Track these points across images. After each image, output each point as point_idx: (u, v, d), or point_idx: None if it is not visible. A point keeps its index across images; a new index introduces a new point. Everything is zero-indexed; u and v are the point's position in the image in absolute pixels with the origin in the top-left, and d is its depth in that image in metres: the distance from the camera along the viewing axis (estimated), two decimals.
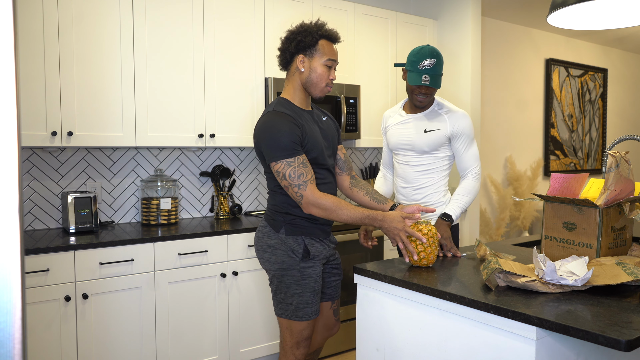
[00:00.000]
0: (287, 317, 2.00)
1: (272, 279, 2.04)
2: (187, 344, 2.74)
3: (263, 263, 2.07)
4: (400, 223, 1.86)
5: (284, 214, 2.00)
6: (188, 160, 3.33)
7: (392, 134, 2.42)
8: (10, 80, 0.69)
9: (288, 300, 1.99)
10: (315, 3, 3.44)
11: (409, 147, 2.36)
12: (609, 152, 1.71)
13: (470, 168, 2.32)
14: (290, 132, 1.87)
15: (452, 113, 2.31)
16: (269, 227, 2.03)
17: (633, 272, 1.51)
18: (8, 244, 0.70)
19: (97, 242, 2.47)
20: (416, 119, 2.35)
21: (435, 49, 2.23)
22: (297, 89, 2.02)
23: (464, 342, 1.52)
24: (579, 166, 5.91)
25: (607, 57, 6.27)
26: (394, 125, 2.43)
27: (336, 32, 2.04)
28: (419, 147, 2.32)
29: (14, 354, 0.69)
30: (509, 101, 5.15)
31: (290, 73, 2.02)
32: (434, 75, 2.20)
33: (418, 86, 2.23)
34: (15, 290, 0.70)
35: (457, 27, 4.03)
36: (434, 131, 2.29)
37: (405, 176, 2.39)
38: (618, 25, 2.11)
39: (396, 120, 2.42)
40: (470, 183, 2.30)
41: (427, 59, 2.18)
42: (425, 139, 2.30)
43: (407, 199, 2.41)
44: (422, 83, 2.19)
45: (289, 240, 1.98)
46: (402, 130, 2.38)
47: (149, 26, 2.83)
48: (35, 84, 2.54)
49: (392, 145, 2.43)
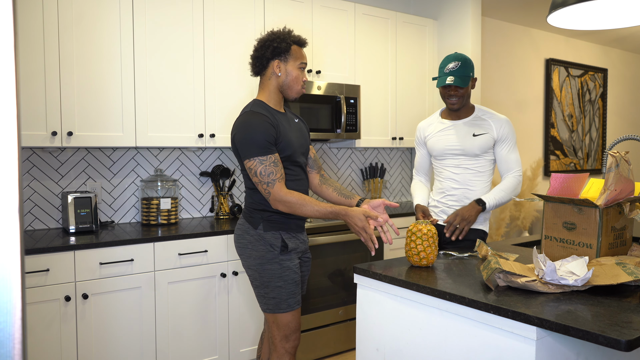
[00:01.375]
0: (271, 310, 2.07)
1: (254, 274, 2.10)
2: (187, 344, 2.74)
3: (244, 260, 2.13)
4: (361, 221, 1.92)
5: (261, 210, 2.08)
6: (188, 160, 3.33)
7: (437, 141, 2.48)
8: (10, 80, 0.69)
9: (271, 294, 2.06)
10: (315, 3, 3.44)
11: (459, 152, 2.42)
12: (609, 152, 1.71)
13: (513, 170, 2.43)
14: (265, 132, 1.97)
15: (496, 118, 2.43)
16: (247, 224, 2.11)
17: (633, 272, 1.51)
18: (8, 244, 0.69)
19: (97, 242, 2.47)
20: (460, 125, 2.43)
21: (461, 54, 2.37)
22: (273, 92, 2.12)
23: (464, 342, 1.52)
24: (579, 166, 5.91)
25: (607, 57, 6.27)
26: (436, 133, 2.49)
27: (304, 38, 2.17)
28: (470, 151, 2.40)
29: (14, 354, 0.69)
30: (509, 101, 5.15)
31: (266, 77, 2.12)
32: (459, 76, 2.31)
33: (446, 88, 2.35)
34: (15, 290, 0.70)
35: (457, 27, 4.03)
36: (483, 135, 2.39)
37: (457, 178, 2.45)
38: (618, 25, 2.11)
39: (438, 128, 2.49)
40: (512, 181, 2.41)
41: (452, 62, 2.34)
42: (476, 142, 2.39)
43: (459, 200, 2.45)
44: (446, 83, 2.31)
45: (267, 236, 2.07)
46: (447, 137, 2.45)
47: (149, 26, 2.83)
48: (35, 84, 2.54)
49: (438, 151, 2.48)
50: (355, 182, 4.11)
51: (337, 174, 4.01)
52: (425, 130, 2.56)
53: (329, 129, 3.43)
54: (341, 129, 3.47)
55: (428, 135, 2.54)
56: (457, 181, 2.46)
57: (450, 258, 2.04)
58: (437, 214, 2.52)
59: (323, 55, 3.49)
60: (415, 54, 4.02)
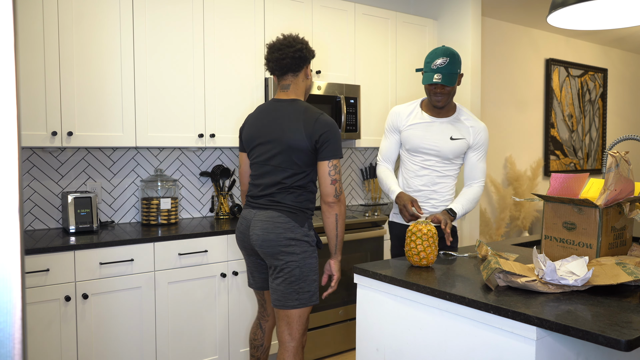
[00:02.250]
0: (303, 304, 2.14)
1: (293, 270, 2.11)
2: (187, 344, 2.74)
3: (286, 256, 2.11)
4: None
5: (307, 209, 2.20)
6: (188, 160, 3.33)
7: (414, 136, 2.36)
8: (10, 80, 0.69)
9: (307, 287, 2.15)
10: (315, 3, 3.44)
11: (434, 153, 2.35)
12: (608, 152, 1.71)
13: (479, 179, 2.41)
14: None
15: (475, 124, 2.39)
16: (293, 222, 2.13)
17: (633, 272, 1.51)
18: (8, 244, 0.70)
19: (97, 242, 2.47)
20: (441, 124, 2.35)
21: (449, 49, 2.27)
22: (301, 95, 2.24)
23: (464, 342, 1.52)
24: (579, 166, 5.91)
25: (607, 57, 6.27)
26: (414, 125, 2.37)
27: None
28: (444, 154, 2.34)
29: (14, 354, 0.69)
30: (509, 101, 5.15)
31: (300, 79, 2.21)
32: (447, 74, 2.22)
33: (433, 85, 2.26)
34: (15, 290, 0.70)
35: (457, 27, 4.03)
36: (460, 140, 2.34)
37: (424, 179, 2.39)
38: (618, 25, 2.11)
39: (416, 120, 2.37)
40: (478, 192, 2.39)
41: (440, 58, 2.23)
42: (451, 146, 2.33)
43: (421, 200, 2.41)
44: (433, 81, 2.21)
45: (310, 233, 2.19)
46: (425, 134, 2.34)
47: (149, 26, 2.83)
48: (35, 84, 2.54)
49: (413, 146, 2.36)
50: (355, 182, 4.11)
51: None
52: (404, 118, 2.40)
53: None
54: (341, 129, 3.47)
55: (406, 125, 2.39)
56: (424, 181, 2.39)
57: (450, 258, 2.04)
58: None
59: (323, 55, 3.49)
60: (415, 54, 4.02)
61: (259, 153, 2.19)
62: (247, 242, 2.23)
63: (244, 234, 2.22)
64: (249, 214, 2.21)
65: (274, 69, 2.19)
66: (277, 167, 2.14)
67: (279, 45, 2.17)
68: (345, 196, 4.01)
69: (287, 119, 2.13)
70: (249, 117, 2.31)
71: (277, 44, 2.18)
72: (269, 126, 2.17)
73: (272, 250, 2.11)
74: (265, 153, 2.17)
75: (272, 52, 2.17)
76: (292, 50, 2.14)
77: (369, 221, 3.37)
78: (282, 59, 2.14)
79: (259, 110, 2.27)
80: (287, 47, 2.15)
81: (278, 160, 2.14)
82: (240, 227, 2.24)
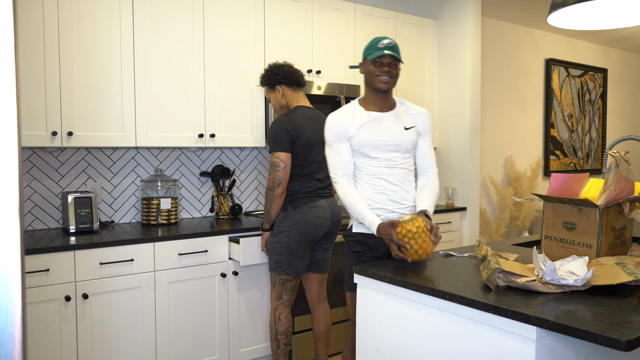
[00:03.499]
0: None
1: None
2: (187, 344, 2.74)
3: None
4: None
5: None
6: (188, 160, 3.33)
7: (370, 135, 2.13)
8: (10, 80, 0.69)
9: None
10: (315, 3, 3.44)
11: (394, 147, 2.15)
12: (608, 152, 1.71)
13: (432, 167, 2.27)
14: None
15: (420, 110, 2.26)
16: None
17: (633, 272, 1.51)
18: (8, 244, 0.70)
19: (97, 242, 2.47)
20: (390, 117, 2.18)
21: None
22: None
23: (464, 342, 1.52)
24: (579, 166, 5.91)
25: (607, 57, 6.27)
26: (365, 124, 2.14)
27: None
28: (404, 145, 2.17)
29: (14, 354, 0.69)
30: (509, 101, 5.15)
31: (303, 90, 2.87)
32: (396, 51, 2.14)
33: (381, 65, 2.13)
34: (15, 290, 0.70)
35: (457, 27, 4.03)
36: (412, 128, 2.20)
37: (392, 179, 2.16)
38: (618, 25, 2.11)
39: (364, 119, 2.15)
40: (436, 185, 2.24)
41: (385, 39, 2.14)
42: (408, 136, 2.18)
43: (399, 202, 2.17)
44: (385, 52, 2.09)
45: None
46: (379, 130, 2.14)
47: (149, 26, 2.83)
48: (36, 84, 2.54)
49: (371, 146, 2.14)
50: None
51: None
52: (351, 122, 2.15)
53: None
54: None
55: (356, 127, 2.14)
56: (393, 182, 2.16)
57: (450, 258, 2.04)
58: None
59: (323, 55, 3.49)
60: (415, 54, 4.02)
61: (317, 153, 2.65)
62: (324, 227, 2.63)
63: (324, 218, 2.62)
64: (325, 203, 2.66)
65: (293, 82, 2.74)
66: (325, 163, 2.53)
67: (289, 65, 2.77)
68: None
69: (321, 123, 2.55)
70: (298, 122, 2.63)
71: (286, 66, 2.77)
72: (316, 130, 2.63)
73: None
74: (321, 153, 2.59)
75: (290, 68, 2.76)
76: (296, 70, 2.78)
77: None
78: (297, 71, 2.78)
79: (307, 117, 2.68)
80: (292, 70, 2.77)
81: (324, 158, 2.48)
82: (320, 213, 2.61)
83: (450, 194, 4.05)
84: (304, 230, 2.59)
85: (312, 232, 2.61)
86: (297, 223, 2.58)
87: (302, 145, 2.62)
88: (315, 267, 2.77)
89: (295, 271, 2.63)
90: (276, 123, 2.63)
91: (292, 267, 2.62)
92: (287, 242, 2.59)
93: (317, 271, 2.78)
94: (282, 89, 2.73)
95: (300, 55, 3.39)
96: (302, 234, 2.59)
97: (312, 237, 2.62)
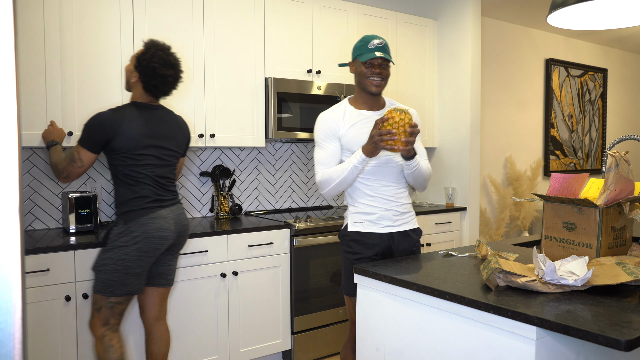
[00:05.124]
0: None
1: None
2: (187, 344, 2.74)
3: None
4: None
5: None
6: (188, 160, 3.33)
7: (360, 133, 2.13)
8: (10, 80, 0.69)
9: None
10: (315, 3, 3.44)
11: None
12: (608, 152, 1.71)
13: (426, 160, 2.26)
14: None
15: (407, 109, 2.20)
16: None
17: (633, 272, 1.51)
18: (8, 244, 0.70)
19: (97, 242, 2.47)
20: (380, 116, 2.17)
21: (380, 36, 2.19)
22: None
23: (464, 342, 1.52)
24: (578, 166, 5.91)
25: (607, 57, 6.27)
26: (355, 124, 2.15)
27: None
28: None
29: (14, 354, 0.69)
30: (509, 101, 5.15)
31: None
32: (387, 52, 2.14)
33: (372, 66, 2.13)
34: (15, 290, 0.70)
35: (457, 27, 4.03)
36: None
37: (385, 178, 2.17)
38: (618, 25, 2.11)
39: (354, 119, 2.16)
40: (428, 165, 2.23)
41: (376, 39, 2.14)
42: None
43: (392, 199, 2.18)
44: (376, 55, 2.09)
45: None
46: (368, 129, 2.13)
47: (149, 26, 2.83)
48: (36, 84, 2.54)
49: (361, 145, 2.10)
50: None
51: None
52: (341, 121, 2.16)
53: None
54: None
55: (346, 127, 2.15)
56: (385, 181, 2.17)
57: (450, 258, 2.04)
58: (374, 221, 2.16)
59: (323, 55, 3.49)
60: (415, 54, 4.02)
61: (156, 155, 2.39)
62: (168, 239, 2.33)
63: (167, 230, 2.31)
64: (167, 212, 2.35)
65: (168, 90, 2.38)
66: (170, 167, 2.48)
67: (174, 61, 2.35)
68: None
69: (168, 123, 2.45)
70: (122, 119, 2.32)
71: (172, 58, 2.35)
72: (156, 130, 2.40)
73: (187, 238, 2.52)
74: (161, 155, 2.40)
75: (167, 67, 2.32)
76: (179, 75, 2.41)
77: None
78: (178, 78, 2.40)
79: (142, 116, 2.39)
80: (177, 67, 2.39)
81: None
82: (164, 225, 2.29)
83: (450, 194, 4.05)
84: (144, 246, 2.22)
85: (154, 247, 2.26)
86: (137, 238, 2.21)
87: (128, 147, 2.25)
88: (158, 280, 2.42)
89: (127, 292, 2.25)
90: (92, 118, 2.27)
91: (123, 288, 2.22)
92: (123, 259, 2.19)
93: (159, 284, 2.42)
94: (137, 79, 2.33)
95: (300, 55, 3.39)
96: (142, 250, 2.22)
97: (153, 252, 2.27)
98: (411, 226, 2.24)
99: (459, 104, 4.03)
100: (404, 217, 2.22)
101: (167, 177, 2.38)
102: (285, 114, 3.25)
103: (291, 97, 3.27)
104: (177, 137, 2.45)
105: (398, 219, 2.19)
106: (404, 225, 2.21)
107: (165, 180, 2.37)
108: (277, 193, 3.71)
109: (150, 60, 2.26)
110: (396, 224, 2.19)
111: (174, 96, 2.93)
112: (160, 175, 2.34)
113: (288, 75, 3.33)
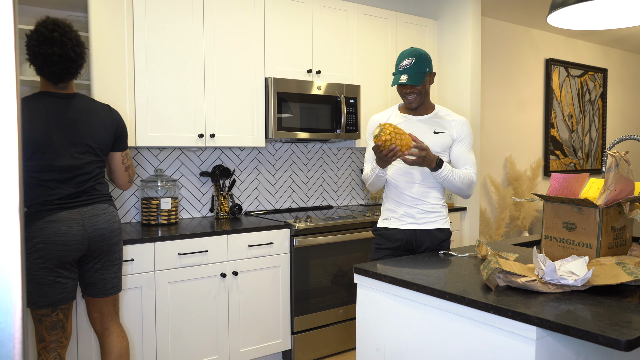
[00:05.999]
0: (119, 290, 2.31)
1: (120, 255, 2.29)
2: (187, 344, 2.74)
3: (120, 245, 2.28)
4: None
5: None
6: (188, 160, 3.33)
7: None
8: (10, 80, 0.69)
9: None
10: (315, 3, 3.44)
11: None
12: (608, 152, 1.71)
13: (468, 167, 2.32)
14: None
15: (457, 118, 2.35)
16: (115, 209, 2.30)
17: (633, 272, 1.51)
18: (8, 244, 0.70)
19: None
20: (422, 121, 2.32)
21: (416, 50, 2.26)
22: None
23: (464, 342, 1.52)
24: (578, 166, 5.91)
25: (607, 57, 6.27)
26: (398, 125, 2.27)
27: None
28: (431, 147, 2.26)
29: (14, 354, 0.69)
30: (509, 101, 5.15)
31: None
32: (413, 74, 2.22)
33: (402, 86, 2.27)
34: (15, 290, 0.70)
35: (457, 27, 4.03)
36: (443, 133, 2.30)
37: (415, 178, 2.29)
38: (618, 25, 2.11)
39: (398, 120, 2.35)
40: (468, 172, 2.29)
41: (405, 59, 2.25)
42: (436, 139, 2.29)
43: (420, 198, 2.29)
44: (399, 82, 2.23)
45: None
46: (409, 130, 2.27)
47: (149, 25, 2.83)
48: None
49: None
50: (355, 182, 4.11)
51: (337, 174, 4.01)
52: (385, 121, 2.34)
53: (329, 129, 3.43)
54: (341, 129, 3.47)
55: None
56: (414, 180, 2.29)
57: (450, 258, 2.04)
58: (399, 218, 2.32)
59: (323, 55, 3.49)
60: None
61: (63, 153, 2.19)
62: (73, 245, 2.06)
63: (68, 235, 2.05)
64: (69, 214, 2.08)
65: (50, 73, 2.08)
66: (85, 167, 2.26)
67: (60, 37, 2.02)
68: (346, 196, 4.03)
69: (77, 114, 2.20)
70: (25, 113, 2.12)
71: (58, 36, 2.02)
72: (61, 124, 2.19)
73: (117, 240, 2.24)
74: (72, 153, 2.20)
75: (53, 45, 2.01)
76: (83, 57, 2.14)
77: (369, 221, 3.37)
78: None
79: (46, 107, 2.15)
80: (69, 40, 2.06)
81: None
82: (62, 229, 2.04)
83: (450, 194, 4.05)
84: (46, 253, 2.00)
85: (57, 254, 2.02)
86: (38, 245, 2.00)
87: (28, 143, 2.03)
88: (91, 291, 2.22)
89: (47, 303, 2.03)
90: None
91: (42, 300, 2.03)
92: (30, 267, 1.99)
93: (94, 295, 2.22)
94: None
95: (300, 55, 3.39)
96: (45, 258, 2.00)
97: (60, 259, 2.03)
98: (438, 225, 2.32)
99: (459, 103, 4.03)
100: (429, 216, 2.31)
101: (79, 175, 2.11)
102: (285, 114, 3.25)
103: (291, 97, 3.27)
104: (94, 130, 2.16)
105: (422, 217, 2.30)
106: (429, 223, 2.30)
107: (75, 180, 2.09)
108: (277, 193, 3.72)
109: (30, 38, 2.01)
110: (420, 221, 2.30)
111: (174, 96, 2.93)
112: (66, 174, 2.07)
113: (288, 75, 3.33)
